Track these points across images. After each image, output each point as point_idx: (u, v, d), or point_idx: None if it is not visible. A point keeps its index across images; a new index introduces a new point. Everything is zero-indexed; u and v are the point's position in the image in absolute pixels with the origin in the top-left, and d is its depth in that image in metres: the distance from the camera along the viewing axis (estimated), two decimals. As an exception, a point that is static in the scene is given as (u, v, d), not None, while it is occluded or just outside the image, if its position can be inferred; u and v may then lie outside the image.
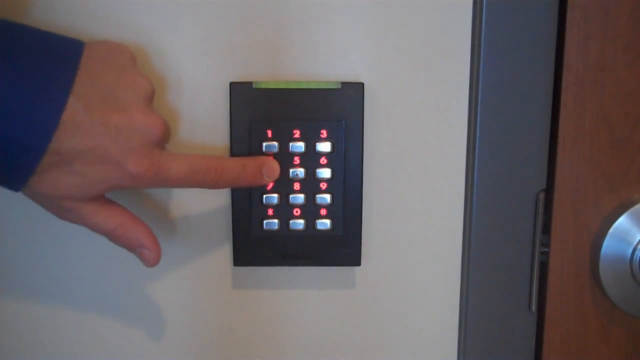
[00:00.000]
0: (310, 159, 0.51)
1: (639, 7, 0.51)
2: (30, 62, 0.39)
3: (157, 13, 0.50)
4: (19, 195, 0.43)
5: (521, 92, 0.52)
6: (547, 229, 0.54)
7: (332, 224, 0.52)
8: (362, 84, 0.50)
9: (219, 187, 0.48)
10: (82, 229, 0.45)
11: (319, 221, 0.52)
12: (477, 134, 0.52)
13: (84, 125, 0.40)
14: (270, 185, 0.51)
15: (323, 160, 0.51)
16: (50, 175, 0.41)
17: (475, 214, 0.54)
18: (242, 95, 0.50)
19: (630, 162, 0.54)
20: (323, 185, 0.51)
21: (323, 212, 0.52)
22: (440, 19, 0.51)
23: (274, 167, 0.50)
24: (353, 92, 0.50)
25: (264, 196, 0.51)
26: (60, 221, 0.45)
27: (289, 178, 0.51)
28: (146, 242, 0.46)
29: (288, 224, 0.52)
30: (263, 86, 0.50)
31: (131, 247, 0.46)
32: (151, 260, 0.47)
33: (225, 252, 0.54)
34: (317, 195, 0.51)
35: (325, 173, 0.51)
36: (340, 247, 0.52)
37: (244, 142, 0.50)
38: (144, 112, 0.43)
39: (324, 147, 0.51)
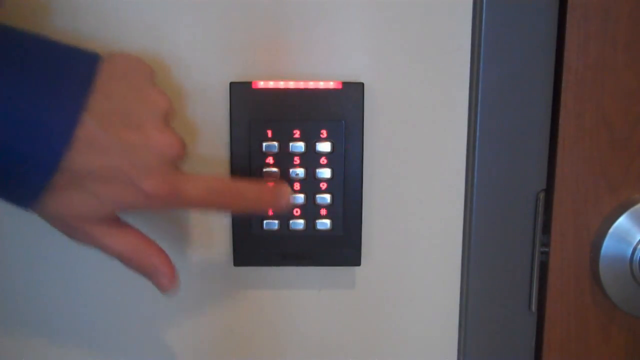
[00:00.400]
0: (310, 159, 0.51)
1: (638, 8, 0.51)
2: (43, 75, 0.38)
3: (157, 13, 0.50)
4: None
5: (521, 92, 0.52)
6: (547, 229, 0.54)
7: (332, 224, 0.52)
8: (362, 84, 0.50)
9: (233, 211, 0.46)
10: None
11: (319, 221, 0.52)
12: (477, 134, 0.52)
13: (98, 143, 0.39)
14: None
15: (323, 160, 0.51)
16: (62, 194, 0.40)
17: (475, 214, 0.54)
18: (242, 95, 0.50)
19: (630, 162, 0.54)
20: (323, 185, 0.51)
21: (323, 212, 0.52)
22: (440, 19, 0.51)
23: (287, 190, 0.48)
24: (353, 92, 0.50)
25: (264, 196, 0.51)
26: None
27: (289, 178, 0.51)
28: (161, 268, 0.44)
29: (288, 224, 0.52)
30: (263, 86, 0.50)
31: (145, 272, 0.44)
32: (167, 286, 0.44)
33: (225, 252, 0.54)
34: (317, 195, 0.51)
35: (325, 173, 0.51)
36: (340, 247, 0.52)
37: (244, 142, 0.50)
38: (160, 130, 0.42)
39: (324, 147, 0.51)
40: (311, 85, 0.50)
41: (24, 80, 0.38)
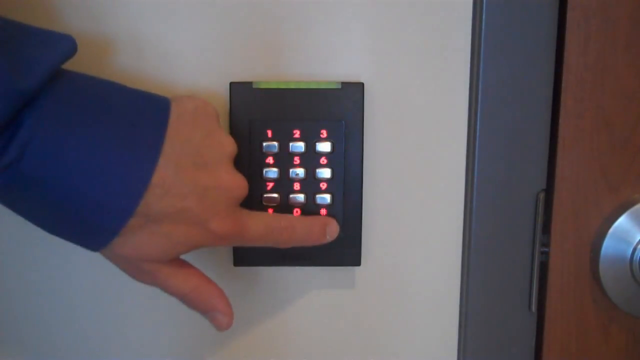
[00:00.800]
0: (310, 159, 0.51)
1: (638, 8, 0.51)
2: (119, 123, 0.39)
3: (157, 13, 0.50)
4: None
5: (521, 92, 0.52)
6: (547, 229, 0.54)
7: (332, 224, 0.52)
8: (362, 84, 0.50)
9: (286, 246, 0.48)
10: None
11: (319, 221, 0.52)
12: (477, 134, 0.52)
13: (173, 188, 0.40)
14: (270, 185, 0.51)
15: (323, 160, 0.51)
16: (134, 237, 0.40)
17: (475, 214, 0.54)
18: (242, 95, 0.50)
19: (630, 162, 0.54)
20: (323, 185, 0.51)
21: (323, 212, 0.52)
22: (440, 19, 0.51)
23: (336, 227, 0.50)
24: (353, 92, 0.50)
25: (264, 196, 0.51)
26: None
27: (289, 178, 0.51)
28: (220, 306, 0.45)
29: (288, 224, 0.52)
30: (263, 86, 0.50)
31: (204, 310, 0.45)
32: (224, 325, 0.46)
33: (225, 252, 0.54)
34: (317, 195, 0.51)
35: (325, 173, 0.51)
36: (340, 247, 0.52)
37: (244, 142, 0.50)
38: (229, 173, 0.43)
39: (324, 147, 0.51)
40: (311, 85, 0.50)
41: (101, 129, 0.38)
